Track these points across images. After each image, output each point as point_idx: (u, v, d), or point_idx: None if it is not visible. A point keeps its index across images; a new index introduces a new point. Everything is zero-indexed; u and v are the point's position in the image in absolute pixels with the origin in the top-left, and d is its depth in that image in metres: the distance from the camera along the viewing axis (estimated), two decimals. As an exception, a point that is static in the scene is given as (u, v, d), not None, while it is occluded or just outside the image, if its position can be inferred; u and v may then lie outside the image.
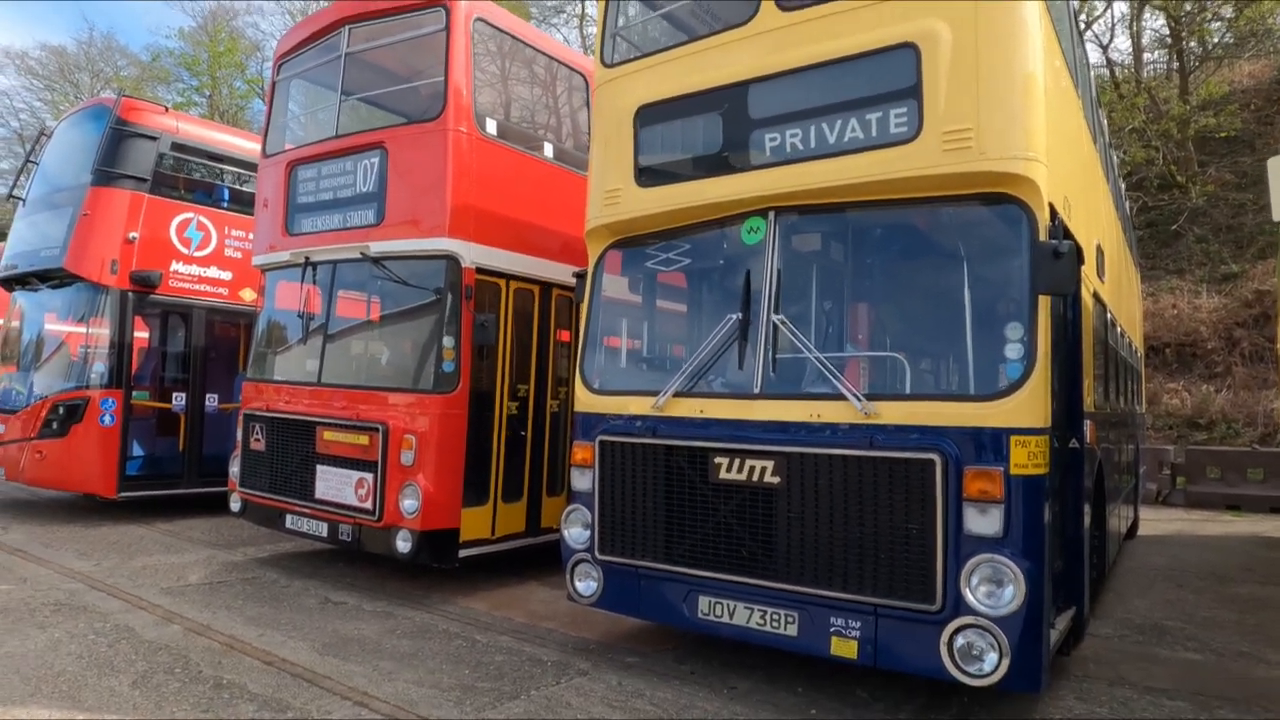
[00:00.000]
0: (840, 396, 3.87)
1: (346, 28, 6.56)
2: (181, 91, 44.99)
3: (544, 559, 6.82)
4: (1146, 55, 22.87)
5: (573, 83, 7.23)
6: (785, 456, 3.91)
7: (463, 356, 5.91)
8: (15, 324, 9.41)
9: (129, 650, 4.48)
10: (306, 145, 6.78)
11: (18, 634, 4.68)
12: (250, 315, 9.29)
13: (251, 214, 9.39)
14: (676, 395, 4.42)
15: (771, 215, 4.25)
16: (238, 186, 9.61)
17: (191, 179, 9.31)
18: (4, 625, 4.84)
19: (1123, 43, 21.59)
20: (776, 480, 3.93)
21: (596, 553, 4.62)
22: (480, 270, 6.07)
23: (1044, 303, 3.57)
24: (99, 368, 8.21)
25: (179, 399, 8.85)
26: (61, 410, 8.09)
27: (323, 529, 6.24)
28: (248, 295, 9.30)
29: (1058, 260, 3.37)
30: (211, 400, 9.11)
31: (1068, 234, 3.47)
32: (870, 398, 3.80)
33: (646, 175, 4.72)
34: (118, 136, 8.44)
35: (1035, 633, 3.43)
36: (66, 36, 69.52)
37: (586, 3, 32.63)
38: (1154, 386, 15.58)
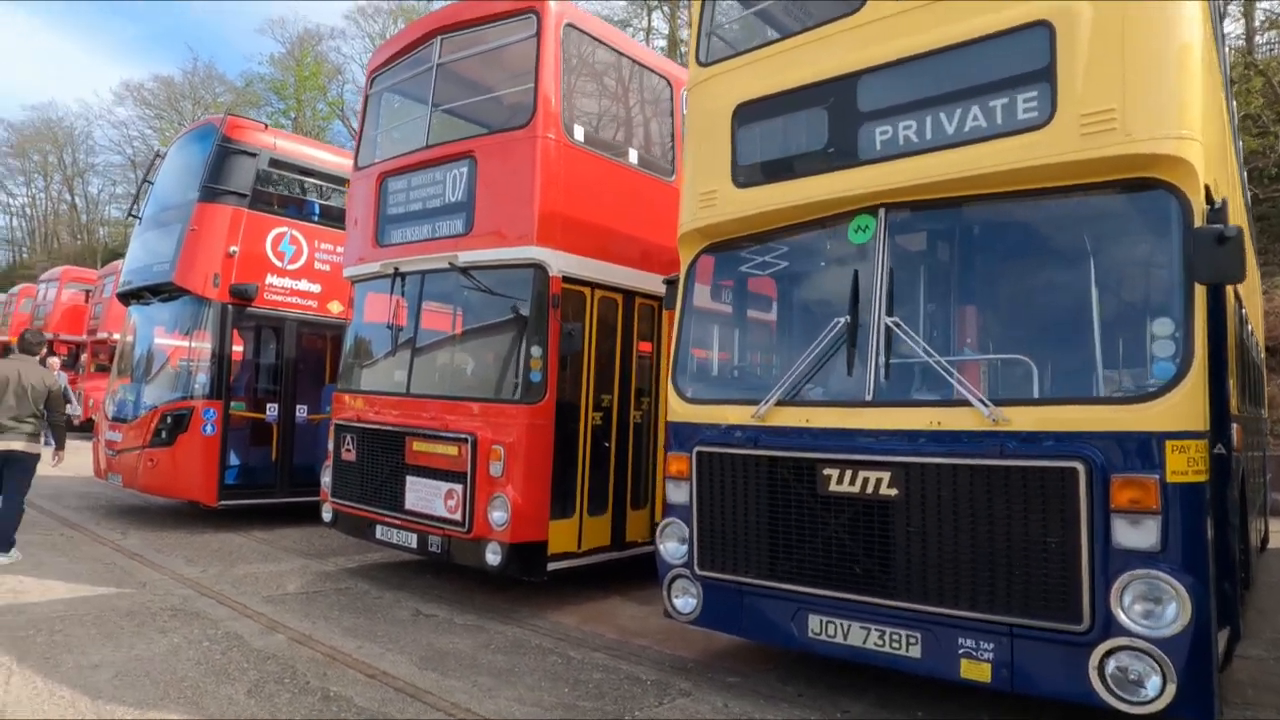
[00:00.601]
0: (962, 402, 3.60)
1: (439, 38, 6.61)
2: (270, 114, 47.36)
3: (628, 573, 6.68)
4: (1258, 38, 21.44)
5: (657, 88, 7.12)
6: (903, 467, 3.66)
7: (549, 366, 5.84)
8: (129, 338, 9.86)
9: (240, 658, 4.54)
10: (397, 157, 6.86)
11: (143, 637, 4.84)
12: (337, 327, 9.50)
13: (340, 227, 9.67)
14: (778, 404, 4.21)
15: (882, 212, 4.02)
16: (327, 201, 9.87)
17: (286, 193, 9.61)
18: (131, 627, 5.02)
19: (1230, 26, 20.23)
20: (894, 492, 3.68)
21: (696, 568, 4.43)
22: (566, 279, 5.99)
23: (1199, 294, 3.23)
24: (201, 378, 8.50)
25: (272, 409, 9.09)
26: (169, 420, 8.40)
27: (412, 540, 6.25)
28: (335, 307, 9.52)
29: (1221, 246, 3.04)
30: (301, 411, 9.33)
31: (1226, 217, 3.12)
32: (996, 403, 3.52)
33: (745, 175, 4.54)
34: (223, 153, 8.77)
35: (1203, 655, 3.08)
36: (175, 68, 74.40)
37: (653, 16, 32.80)
38: (1272, 389, 14.43)
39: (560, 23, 6.05)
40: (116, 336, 16.56)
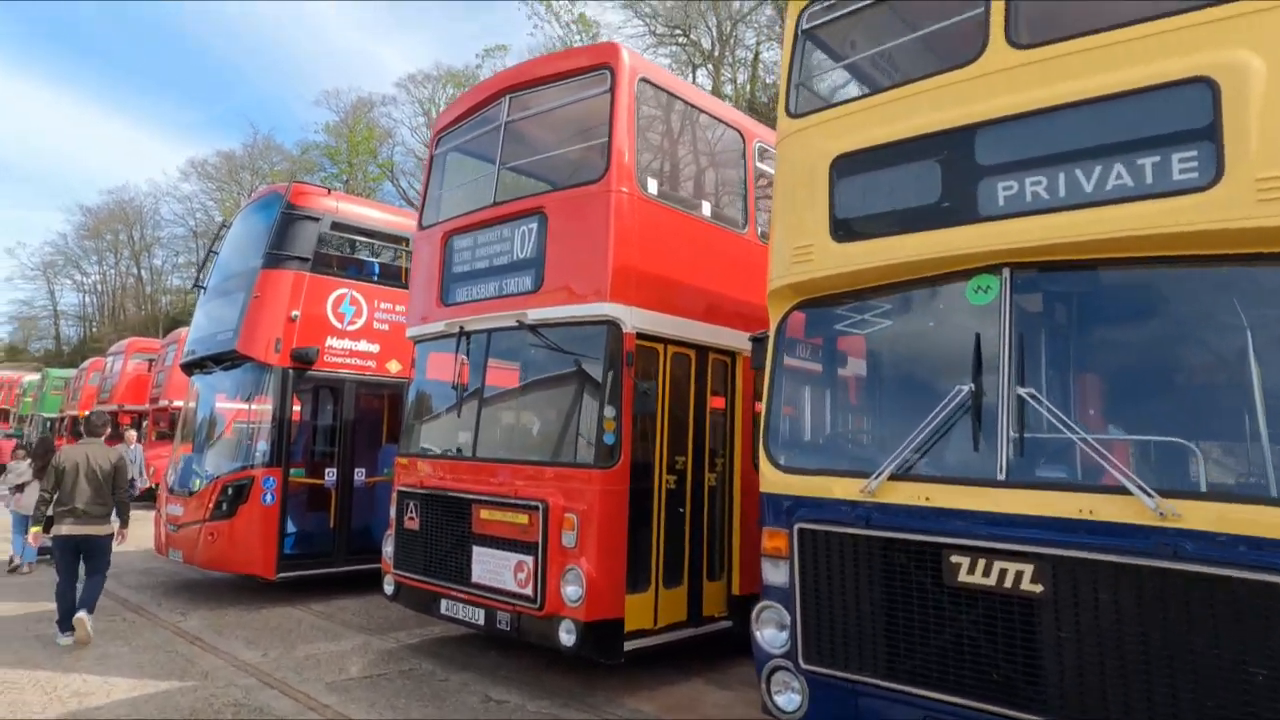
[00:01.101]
0: (1117, 489, 3.16)
1: (507, 97, 6.53)
2: (323, 179, 49.13)
3: (705, 650, 6.24)
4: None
5: (729, 140, 6.93)
6: (1049, 561, 3.22)
7: (623, 427, 5.54)
8: (191, 406, 9.83)
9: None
10: (463, 215, 6.74)
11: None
12: (395, 387, 9.39)
13: (398, 286, 9.64)
14: (891, 478, 3.82)
15: (1006, 272, 3.66)
16: (386, 261, 9.85)
17: (346, 255, 9.61)
18: (194, 730, 4.72)
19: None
20: (1038, 589, 3.24)
21: (800, 661, 4.00)
22: (640, 335, 5.73)
23: None
24: (262, 446, 8.37)
25: (330, 474, 8.92)
26: (230, 491, 8.25)
27: (479, 616, 5.91)
28: (394, 367, 9.40)
29: None
30: (360, 474, 9.14)
31: None
32: (1159, 493, 3.08)
33: (844, 229, 4.23)
34: (287, 220, 8.80)
35: None
36: (236, 142, 78.38)
37: (697, 74, 33.25)
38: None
39: (634, 78, 5.91)
40: (178, 404, 16.86)
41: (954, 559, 3.48)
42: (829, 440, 4.60)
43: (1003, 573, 3.32)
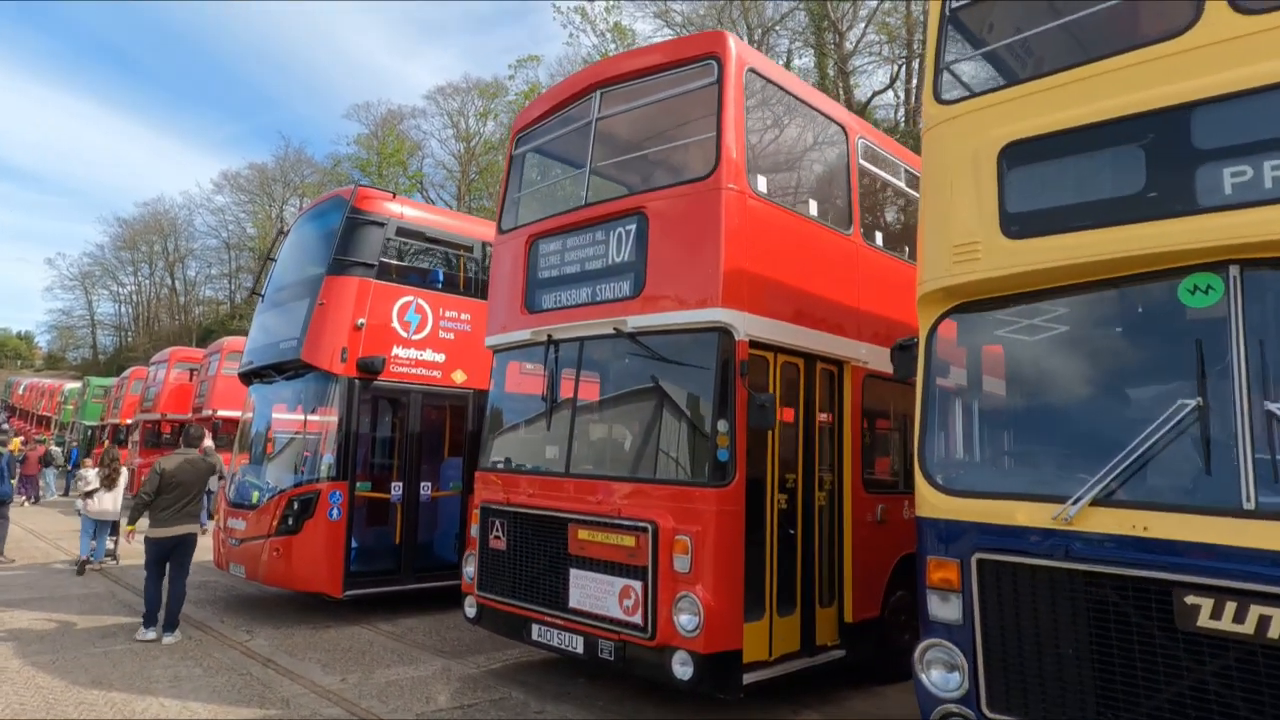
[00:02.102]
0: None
1: (598, 92, 6.16)
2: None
3: (815, 681, 5.79)
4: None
5: (833, 135, 6.51)
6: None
7: (737, 442, 5.11)
8: (250, 417, 9.54)
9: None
10: (550, 217, 6.37)
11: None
12: (460, 398, 9.04)
13: (462, 294, 9.32)
14: (1093, 504, 3.37)
15: (1234, 270, 3.21)
16: (451, 268, 9.52)
17: (411, 262, 9.29)
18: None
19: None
20: (1310, 637, 2.78)
21: (985, 709, 3.55)
22: (751, 343, 5.31)
23: None
24: (328, 459, 8.05)
25: (396, 488, 8.58)
26: (296, 505, 7.92)
27: (578, 644, 5.49)
28: (459, 377, 9.06)
29: None
30: (425, 489, 8.80)
31: None
32: None
33: (1019, 224, 3.79)
34: (352, 225, 8.49)
35: None
36: (268, 155, 79.37)
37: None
38: None
39: (742, 68, 5.51)
40: (222, 414, 16.74)
41: (1190, 599, 3.02)
42: (992, 459, 4.14)
43: (1262, 620, 2.86)
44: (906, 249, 7.12)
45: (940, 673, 3.76)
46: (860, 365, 6.23)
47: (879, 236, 6.81)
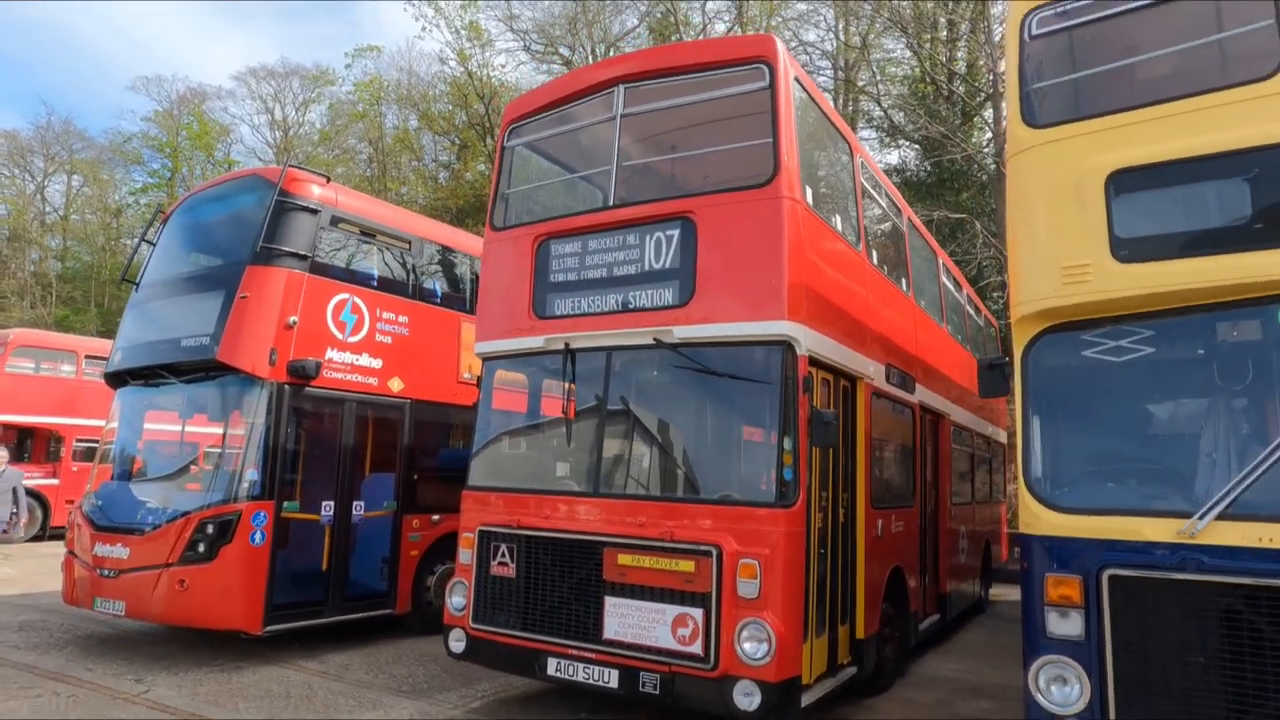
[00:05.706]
0: None
1: (621, 87, 5.81)
2: (152, 173, 43.87)
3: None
4: None
5: (841, 150, 6.59)
6: None
7: (799, 461, 4.97)
8: (126, 426, 7.97)
9: None
10: (566, 216, 5.90)
11: None
12: (396, 408, 8.18)
13: (400, 295, 8.45)
14: (1218, 518, 3.58)
15: (1343, 297, 3.55)
16: (388, 265, 8.59)
17: (348, 256, 8.26)
18: None
19: None
20: None
21: (1116, 720, 3.63)
22: (810, 359, 5.21)
23: None
24: (251, 475, 6.90)
25: (327, 508, 7.54)
26: (210, 529, 6.68)
27: (611, 677, 5.05)
28: (396, 385, 8.18)
29: None
30: (358, 509, 7.82)
31: None
32: None
33: (1129, 249, 3.99)
34: (281, 209, 7.38)
35: None
36: (24, 122, 67.97)
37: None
38: None
39: (790, 74, 5.43)
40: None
41: (1340, 606, 3.26)
42: (1101, 476, 4.30)
43: None
44: (886, 269, 7.35)
45: (1059, 689, 3.81)
46: (870, 382, 6.32)
47: (875, 255, 6.99)
